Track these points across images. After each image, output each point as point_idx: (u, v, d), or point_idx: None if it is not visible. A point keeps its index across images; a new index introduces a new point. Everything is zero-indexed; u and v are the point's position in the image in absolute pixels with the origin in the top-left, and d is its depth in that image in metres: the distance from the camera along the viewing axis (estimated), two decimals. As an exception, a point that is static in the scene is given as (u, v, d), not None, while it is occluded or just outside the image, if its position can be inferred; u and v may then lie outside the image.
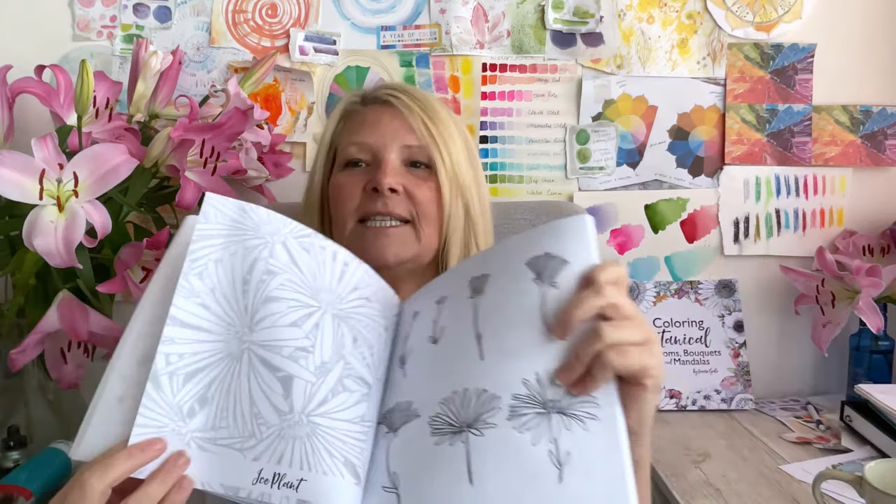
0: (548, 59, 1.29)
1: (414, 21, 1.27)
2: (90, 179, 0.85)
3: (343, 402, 0.58)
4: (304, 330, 0.59)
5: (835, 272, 1.20)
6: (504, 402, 0.54)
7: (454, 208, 0.84)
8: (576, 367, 0.52)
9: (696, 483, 0.97)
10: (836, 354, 1.31)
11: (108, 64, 1.23)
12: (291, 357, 0.58)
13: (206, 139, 0.98)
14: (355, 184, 0.83)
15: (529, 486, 0.51)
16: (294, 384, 0.57)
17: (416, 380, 0.61)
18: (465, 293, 0.60)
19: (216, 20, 1.25)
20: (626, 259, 1.32)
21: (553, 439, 0.52)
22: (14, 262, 0.93)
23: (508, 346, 0.55)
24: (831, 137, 1.31)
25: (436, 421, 0.56)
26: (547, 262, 0.56)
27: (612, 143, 1.30)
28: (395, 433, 0.59)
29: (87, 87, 0.91)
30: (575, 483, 0.51)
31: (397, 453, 0.57)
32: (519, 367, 0.54)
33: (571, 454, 0.51)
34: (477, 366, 0.56)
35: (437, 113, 0.86)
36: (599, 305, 0.53)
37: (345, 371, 0.60)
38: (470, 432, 0.54)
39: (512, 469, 0.52)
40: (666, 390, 1.25)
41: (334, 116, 0.91)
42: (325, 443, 0.56)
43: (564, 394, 0.53)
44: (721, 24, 1.29)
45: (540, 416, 0.53)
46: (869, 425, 1.06)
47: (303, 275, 0.61)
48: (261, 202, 1.20)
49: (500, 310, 0.57)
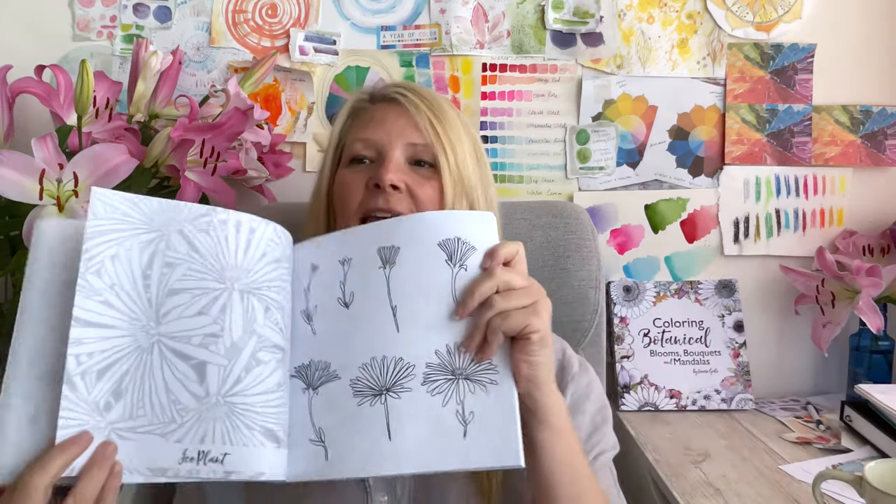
0: (548, 59, 1.29)
1: (414, 21, 1.27)
2: (90, 179, 0.85)
3: (257, 376, 0.62)
4: (211, 316, 0.61)
5: (835, 272, 1.20)
6: (418, 369, 0.63)
7: (458, 208, 0.84)
8: (475, 336, 0.62)
9: (696, 483, 0.97)
10: (836, 354, 1.31)
11: (108, 64, 1.23)
12: (202, 345, 0.61)
13: (206, 139, 0.98)
14: (359, 180, 0.83)
15: (440, 440, 0.61)
16: (207, 370, 0.60)
17: (329, 341, 0.66)
18: (374, 262, 0.65)
19: (216, 20, 1.25)
20: (626, 259, 1.32)
21: (460, 401, 0.62)
22: (14, 262, 0.93)
23: (422, 320, 0.63)
24: (831, 137, 1.31)
25: (357, 384, 0.64)
26: (458, 245, 0.64)
27: (612, 143, 1.30)
28: (315, 391, 0.65)
29: (87, 87, 0.91)
30: (476, 437, 0.61)
31: (321, 410, 0.64)
32: (431, 338, 0.63)
33: (475, 413, 0.61)
34: (393, 336, 0.64)
35: (445, 112, 0.85)
36: (492, 287, 0.62)
37: (258, 345, 0.63)
38: (389, 395, 0.63)
39: (425, 427, 0.61)
40: (666, 390, 1.25)
41: (342, 114, 0.90)
42: (244, 418, 0.61)
43: (469, 363, 0.62)
44: (721, 24, 1.29)
45: (449, 381, 0.62)
46: (869, 425, 1.06)
47: (204, 260, 0.63)
48: (261, 202, 1.20)
49: (413, 284, 0.64)
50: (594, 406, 0.84)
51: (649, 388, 1.25)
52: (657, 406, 1.24)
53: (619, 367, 1.26)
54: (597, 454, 0.81)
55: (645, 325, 1.28)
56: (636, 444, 1.10)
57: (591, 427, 0.82)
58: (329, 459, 0.63)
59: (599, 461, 0.81)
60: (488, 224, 0.66)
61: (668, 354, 1.27)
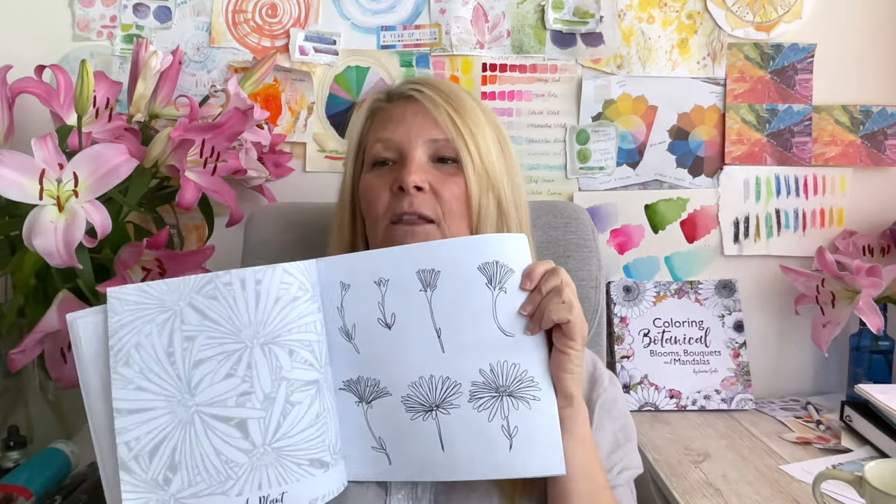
0: (548, 59, 1.29)
1: (414, 21, 1.27)
2: (90, 179, 0.85)
3: (295, 417, 0.66)
4: (239, 376, 0.65)
5: (835, 272, 1.20)
6: (464, 387, 0.67)
7: (484, 202, 0.82)
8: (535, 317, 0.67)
9: (696, 483, 0.97)
10: (836, 354, 1.31)
11: (108, 64, 1.23)
12: (238, 404, 0.65)
13: (206, 139, 0.98)
14: (383, 184, 0.81)
15: (488, 452, 0.66)
16: (248, 425, 0.65)
17: (376, 360, 0.69)
18: (414, 284, 0.67)
19: (216, 20, 1.25)
20: (626, 259, 1.32)
21: (504, 416, 0.66)
22: (14, 262, 0.93)
23: (466, 341, 0.67)
24: (831, 137, 1.31)
25: (408, 401, 0.68)
26: (497, 269, 0.66)
27: (612, 143, 1.30)
28: (369, 405, 0.70)
29: (87, 87, 0.91)
30: (521, 449, 0.66)
31: (378, 421, 0.70)
32: (475, 358, 0.67)
33: (519, 428, 0.66)
34: (440, 357, 0.67)
35: (464, 103, 0.84)
36: (561, 310, 0.66)
37: (289, 390, 0.66)
38: (439, 411, 0.67)
39: (474, 440, 0.67)
40: (666, 390, 1.25)
41: (361, 115, 0.89)
42: (291, 458, 0.65)
43: (512, 380, 0.66)
44: (721, 24, 1.29)
45: (494, 398, 0.67)
46: (869, 425, 1.06)
47: (218, 326, 0.65)
48: (261, 202, 1.21)
49: (456, 307, 0.67)
50: (617, 423, 0.83)
51: (649, 387, 1.25)
52: (657, 406, 1.24)
53: (619, 367, 1.26)
54: (619, 471, 0.79)
55: (645, 325, 1.28)
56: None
57: (614, 443, 0.81)
58: (392, 464, 0.69)
59: (622, 478, 0.79)
60: (522, 245, 0.68)
61: (668, 354, 1.27)
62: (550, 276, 0.67)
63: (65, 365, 0.96)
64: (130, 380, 0.64)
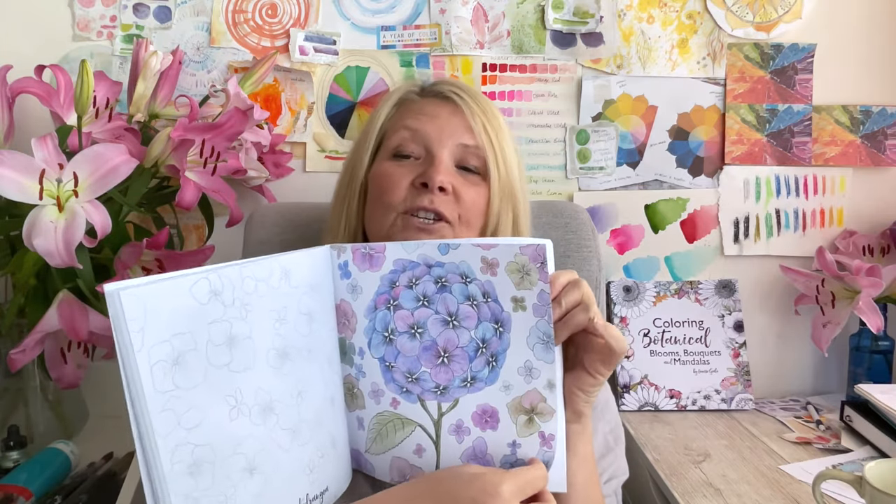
0: (548, 59, 1.29)
1: (414, 21, 1.27)
2: (90, 179, 0.85)
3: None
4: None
5: (835, 272, 1.20)
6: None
7: (504, 216, 0.82)
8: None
9: (696, 483, 0.97)
10: (836, 354, 1.31)
11: (108, 64, 1.23)
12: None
13: (206, 139, 0.98)
14: (403, 175, 0.80)
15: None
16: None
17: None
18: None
19: (216, 20, 1.25)
20: (626, 259, 1.32)
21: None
22: (14, 262, 0.93)
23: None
24: (831, 137, 1.31)
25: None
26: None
27: (612, 143, 1.30)
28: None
29: (87, 87, 0.91)
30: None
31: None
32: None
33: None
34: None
35: (497, 118, 0.84)
36: (587, 318, 0.64)
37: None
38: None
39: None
40: (666, 390, 1.25)
41: (387, 103, 0.87)
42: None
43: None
44: (721, 24, 1.29)
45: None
46: (869, 425, 1.06)
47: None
48: (261, 202, 1.21)
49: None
50: (607, 426, 0.83)
51: (649, 387, 1.25)
52: (657, 406, 1.24)
53: (618, 367, 1.26)
54: (606, 479, 0.80)
55: (645, 325, 1.28)
56: (636, 444, 1.10)
57: (604, 448, 0.81)
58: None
59: (609, 487, 0.80)
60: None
61: (668, 354, 1.27)
62: (571, 289, 0.64)
63: (65, 365, 0.96)
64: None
